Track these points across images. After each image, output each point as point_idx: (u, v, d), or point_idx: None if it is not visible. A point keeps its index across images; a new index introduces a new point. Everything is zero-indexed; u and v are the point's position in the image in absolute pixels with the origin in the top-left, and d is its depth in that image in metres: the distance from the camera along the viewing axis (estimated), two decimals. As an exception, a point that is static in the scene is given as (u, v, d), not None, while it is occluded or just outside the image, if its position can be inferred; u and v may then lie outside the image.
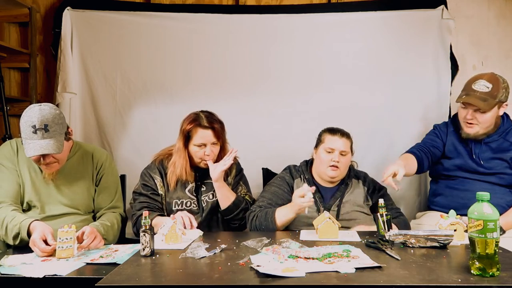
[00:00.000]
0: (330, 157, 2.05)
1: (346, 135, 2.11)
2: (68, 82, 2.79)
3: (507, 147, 2.15)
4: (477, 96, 2.08)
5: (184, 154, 2.09)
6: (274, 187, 2.13)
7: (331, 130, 2.13)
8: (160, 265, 1.42)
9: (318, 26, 2.84)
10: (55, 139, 1.82)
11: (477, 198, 1.31)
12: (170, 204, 2.11)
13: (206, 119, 2.08)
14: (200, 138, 2.06)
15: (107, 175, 2.10)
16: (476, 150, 2.18)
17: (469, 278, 1.24)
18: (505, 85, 2.12)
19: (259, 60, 2.85)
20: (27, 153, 1.80)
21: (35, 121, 1.79)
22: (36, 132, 1.79)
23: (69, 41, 2.82)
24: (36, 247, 1.65)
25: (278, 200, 2.07)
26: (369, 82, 2.82)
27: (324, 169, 2.07)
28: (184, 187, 2.13)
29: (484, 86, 2.08)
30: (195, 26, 2.85)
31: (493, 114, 2.11)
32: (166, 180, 2.13)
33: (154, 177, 2.13)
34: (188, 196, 2.12)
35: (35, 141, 1.79)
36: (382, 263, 1.35)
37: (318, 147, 2.15)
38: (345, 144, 2.08)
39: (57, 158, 1.88)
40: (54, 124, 1.83)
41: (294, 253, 1.47)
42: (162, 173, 2.14)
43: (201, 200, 2.13)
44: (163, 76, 2.87)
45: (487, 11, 2.85)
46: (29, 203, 1.95)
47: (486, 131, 2.15)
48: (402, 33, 2.80)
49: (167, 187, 2.13)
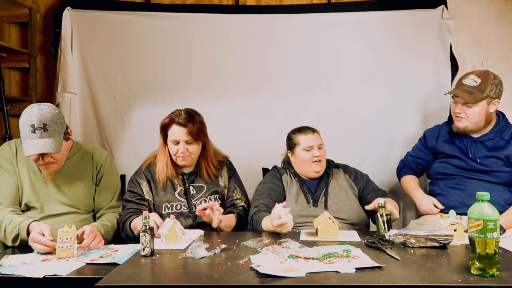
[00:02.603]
0: (311, 154, 2.13)
1: (314, 130, 2.20)
2: (68, 82, 2.79)
3: (503, 146, 2.17)
4: (464, 90, 2.15)
5: (164, 149, 2.10)
6: (269, 183, 2.16)
7: (301, 130, 2.21)
8: (160, 265, 1.42)
9: (318, 26, 2.84)
10: (53, 139, 1.82)
11: (477, 198, 1.31)
12: (160, 208, 2.09)
13: (183, 117, 2.05)
14: (173, 134, 2.05)
15: (107, 175, 2.11)
16: (472, 149, 2.19)
17: (469, 278, 1.24)
18: (496, 81, 2.14)
19: (259, 60, 2.85)
20: (25, 152, 1.80)
21: (33, 121, 1.79)
22: (35, 132, 1.79)
23: (69, 41, 2.82)
24: (36, 242, 1.65)
25: (276, 194, 2.10)
26: (369, 82, 2.82)
27: (308, 167, 2.14)
28: (173, 189, 2.11)
29: (473, 81, 2.15)
30: (195, 26, 2.85)
31: (481, 109, 2.14)
32: (153, 184, 2.12)
33: (141, 183, 2.12)
34: (177, 199, 2.10)
35: (34, 140, 1.79)
36: (382, 263, 1.35)
37: (293, 149, 2.19)
38: (318, 137, 2.18)
39: (55, 158, 1.88)
40: (53, 123, 1.82)
41: (294, 253, 1.47)
42: (149, 177, 2.13)
43: (192, 204, 2.10)
44: (163, 76, 2.87)
45: (487, 11, 2.85)
46: (28, 204, 1.95)
47: (475, 126, 2.17)
48: (402, 33, 2.80)
49: (155, 191, 2.11)
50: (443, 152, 2.30)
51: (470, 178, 2.17)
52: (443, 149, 2.30)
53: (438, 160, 2.32)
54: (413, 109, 2.81)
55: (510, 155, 2.13)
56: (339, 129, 2.76)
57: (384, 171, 2.77)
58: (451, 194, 2.19)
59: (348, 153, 2.60)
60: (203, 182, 2.14)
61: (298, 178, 2.18)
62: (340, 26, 2.84)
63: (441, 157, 2.31)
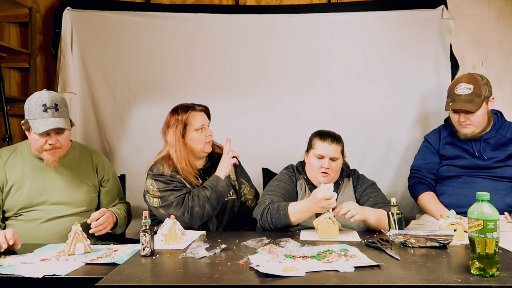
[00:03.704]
0: (320, 163, 2.01)
1: (336, 140, 2.04)
2: (68, 82, 2.79)
3: (506, 142, 2.19)
4: (463, 100, 2.16)
5: (183, 145, 2.04)
6: (285, 183, 2.08)
7: (321, 135, 2.06)
8: (160, 265, 1.42)
9: (318, 26, 2.84)
10: (64, 119, 1.90)
11: (477, 198, 1.30)
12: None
13: (198, 104, 2.13)
14: (198, 121, 2.07)
15: (110, 179, 2.14)
16: (476, 148, 2.21)
17: (469, 278, 1.24)
18: (484, 81, 2.20)
19: (259, 60, 2.85)
20: (38, 129, 1.84)
21: (45, 100, 1.86)
22: (47, 111, 1.86)
23: (69, 41, 2.82)
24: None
25: (290, 197, 2.03)
26: (369, 82, 2.82)
27: (315, 175, 2.04)
28: (192, 187, 2.08)
29: (466, 89, 2.16)
30: (195, 26, 2.85)
31: (483, 111, 2.18)
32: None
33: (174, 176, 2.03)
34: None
35: (46, 119, 1.85)
36: (382, 263, 1.35)
37: (308, 151, 2.10)
38: (335, 149, 2.02)
39: (61, 142, 1.92)
40: (63, 105, 1.92)
41: (289, 252, 1.47)
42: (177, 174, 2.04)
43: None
44: (163, 76, 2.87)
45: (487, 11, 2.85)
46: (27, 206, 1.94)
47: (481, 128, 2.21)
48: (402, 33, 2.80)
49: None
50: (444, 155, 2.30)
51: (475, 177, 2.18)
52: (444, 152, 2.30)
53: (442, 164, 2.32)
54: (413, 109, 2.81)
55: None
56: (339, 129, 2.70)
57: (384, 171, 2.77)
58: (454, 193, 2.19)
59: (348, 153, 2.58)
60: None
61: (310, 187, 2.07)
62: (340, 26, 2.84)
63: (444, 159, 2.31)
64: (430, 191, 2.26)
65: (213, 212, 2.02)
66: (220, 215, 2.11)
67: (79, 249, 1.64)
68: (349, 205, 1.80)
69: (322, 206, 1.76)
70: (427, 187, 2.28)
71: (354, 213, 1.75)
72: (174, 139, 2.04)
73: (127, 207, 2.17)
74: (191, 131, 2.06)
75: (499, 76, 2.80)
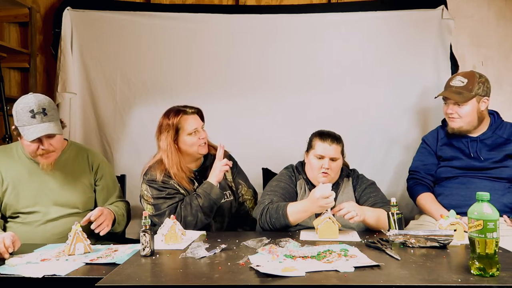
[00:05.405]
0: (320, 163, 2.00)
1: (336, 141, 2.04)
2: (68, 82, 2.79)
3: (503, 142, 2.19)
4: (453, 91, 2.20)
5: (174, 149, 2.03)
6: (285, 183, 2.07)
7: (321, 135, 2.05)
8: (160, 265, 1.42)
9: (318, 26, 2.84)
10: (54, 123, 1.85)
11: (477, 198, 1.31)
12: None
13: (189, 107, 2.10)
14: (190, 124, 2.04)
15: (106, 176, 2.11)
16: (473, 148, 2.21)
17: (469, 278, 1.24)
18: (482, 79, 2.19)
19: (259, 60, 2.85)
20: (28, 137, 1.80)
21: (32, 106, 1.81)
22: (35, 117, 1.81)
23: (69, 41, 2.82)
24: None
25: (290, 197, 2.03)
26: (369, 82, 2.82)
27: (314, 175, 2.04)
28: (187, 192, 2.08)
29: (460, 81, 2.21)
30: (195, 26, 2.85)
31: (472, 108, 2.18)
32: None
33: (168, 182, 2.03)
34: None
35: (35, 125, 1.81)
36: (382, 263, 1.35)
37: (308, 151, 2.09)
38: (335, 150, 2.01)
39: (54, 146, 1.89)
40: (51, 108, 1.86)
41: (289, 252, 1.47)
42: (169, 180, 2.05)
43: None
44: (163, 76, 2.87)
45: (487, 11, 2.85)
46: (23, 211, 1.92)
47: (469, 126, 2.21)
48: (402, 33, 2.80)
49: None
50: (441, 156, 2.30)
51: (472, 177, 2.18)
52: (441, 153, 2.30)
53: (440, 165, 2.32)
54: (413, 109, 2.81)
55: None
56: (339, 128, 2.69)
57: (384, 171, 2.77)
58: (452, 193, 2.19)
59: (348, 153, 2.58)
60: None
61: (310, 187, 2.07)
62: (340, 26, 2.84)
63: (441, 160, 2.31)
64: (428, 192, 2.26)
65: (207, 220, 2.01)
66: (219, 217, 2.11)
67: (79, 249, 1.63)
68: (349, 206, 1.79)
69: (320, 205, 1.76)
70: (426, 188, 2.29)
71: (354, 214, 1.75)
72: (165, 144, 2.04)
73: (126, 205, 2.14)
74: (184, 135, 2.04)
75: (499, 76, 2.80)
